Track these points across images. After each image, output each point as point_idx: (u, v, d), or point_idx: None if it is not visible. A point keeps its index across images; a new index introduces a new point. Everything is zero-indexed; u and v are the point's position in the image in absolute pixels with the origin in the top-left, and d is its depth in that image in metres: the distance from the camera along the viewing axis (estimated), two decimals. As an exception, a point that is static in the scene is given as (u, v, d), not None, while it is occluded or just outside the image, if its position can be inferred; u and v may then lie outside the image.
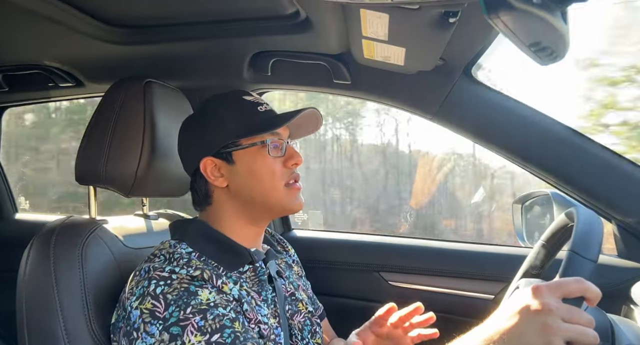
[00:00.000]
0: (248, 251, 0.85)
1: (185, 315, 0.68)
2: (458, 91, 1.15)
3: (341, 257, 1.41)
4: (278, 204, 0.86)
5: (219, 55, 1.22)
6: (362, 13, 0.83)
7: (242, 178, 0.85)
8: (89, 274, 0.82)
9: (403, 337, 0.94)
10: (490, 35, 0.97)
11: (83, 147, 0.94)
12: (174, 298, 0.69)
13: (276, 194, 0.85)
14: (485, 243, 1.45)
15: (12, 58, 1.31)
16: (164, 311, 0.69)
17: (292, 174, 0.87)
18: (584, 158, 1.11)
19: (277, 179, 0.85)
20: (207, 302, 0.70)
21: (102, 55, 1.22)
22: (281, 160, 0.86)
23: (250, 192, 0.85)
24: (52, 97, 1.56)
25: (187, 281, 0.72)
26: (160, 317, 0.68)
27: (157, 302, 0.69)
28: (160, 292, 0.70)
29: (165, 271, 0.73)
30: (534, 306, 0.56)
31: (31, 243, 0.85)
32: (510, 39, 0.62)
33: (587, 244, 0.66)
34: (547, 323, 0.55)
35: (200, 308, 0.69)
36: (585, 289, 0.57)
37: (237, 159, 0.85)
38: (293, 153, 0.87)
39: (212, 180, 0.85)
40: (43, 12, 0.96)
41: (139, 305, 0.70)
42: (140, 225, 1.05)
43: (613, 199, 1.12)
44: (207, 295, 0.71)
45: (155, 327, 0.68)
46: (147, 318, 0.69)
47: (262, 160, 0.84)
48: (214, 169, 0.85)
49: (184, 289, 0.71)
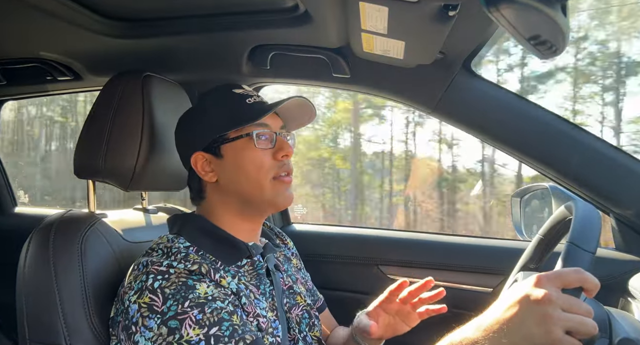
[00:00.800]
0: (246, 245, 0.85)
1: (183, 308, 0.68)
2: (457, 85, 1.15)
3: (340, 251, 1.41)
4: (264, 199, 0.84)
5: (217, 48, 1.21)
6: (361, 6, 0.83)
7: (230, 172, 0.84)
8: (88, 268, 0.83)
9: (411, 313, 0.93)
10: (489, 28, 0.97)
11: (81, 141, 0.94)
12: (172, 292, 0.69)
13: (262, 187, 0.83)
14: (483, 236, 1.45)
15: (11, 51, 1.31)
16: (162, 305, 0.69)
17: (282, 167, 0.85)
18: (582, 151, 1.12)
19: (264, 172, 0.83)
20: (205, 296, 0.70)
21: (101, 49, 1.21)
22: (270, 152, 0.84)
23: (238, 187, 0.84)
24: (51, 90, 1.55)
25: (184, 275, 0.72)
26: (159, 311, 0.69)
27: (155, 297, 0.69)
28: (158, 286, 0.70)
29: (163, 265, 0.73)
30: (533, 296, 0.56)
31: (30, 236, 0.85)
32: (509, 33, 0.62)
33: (585, 236, 0.66)
34: (547, 313, 0.55)
35: (198, 301, 0.69)
36: (584, 279, 0.57)
37: (225, 153, 0.84)
38: (283, 144, 0.85)
39: (203, 175, 0.85)
40: (41, 5, 0.96)
41: (137, 300, 0.71)
42: (139, 219, 1.05)
43: (611, 192, 1.12)
44: (205, 289, 0.71)
45: (154, 321, 0.68)
46: (145, 312, 0.69)
47: (249, 152, 0.83)
48: (204, 163, 0.85)
49: (181, 282, 0.71)
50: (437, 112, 1.19)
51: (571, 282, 0.57)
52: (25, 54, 1.32)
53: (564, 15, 0.57)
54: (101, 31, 1.10)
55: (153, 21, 1.11)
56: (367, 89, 1.26)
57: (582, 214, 0.70)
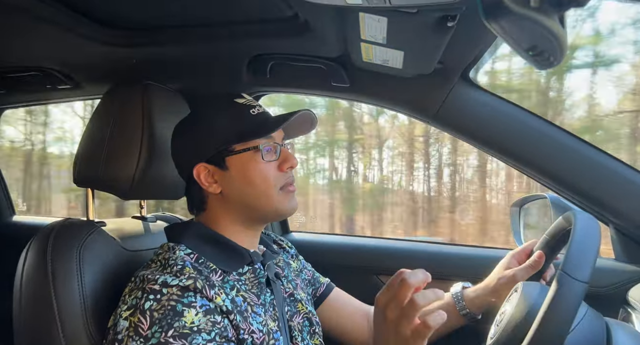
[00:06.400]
0: (248, 252, 0.85)
1: (166, 338, 0.68)
2: (456, 94, 1.15)
3: (339, 260, 1.41)
4: (272, 210, 0.85)
5: (217, 58, 1.22)
6: (360, 16, 0.83)
7: (236, 184, 0.84)
8: (86, 276, 0.82)
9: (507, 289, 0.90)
10: (488, 39, 0.98)
11: (81, 150, 0.94)
12: (158, 317, 0.69)
13: (270, 199, 0.84)
14: (483, 246, 1.45)
15: (10, 60, 1.31)
16: (147, 329, 0.69)
17: (287, 178, 0.86)
18: (581, 161, 1.12)
19: (271, 184, 0.84)
20: (190, 326, 0.69)
21: (101, 58, 1.22)
22: (275, 164, 0.85)
23: (244, 198, 0.84)
24: (50, 99, 1.56)
25: (176, 297, 0.71)
26: (143, 335, 0.69)
27: (143, 318, 0.70)
28: (149, 307, 0.70)
29: (158, 283, 0.72)
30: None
31: (29, 245, 0.85)
32: (507, 43, 0.62)
33: (579, 264, 0.65)
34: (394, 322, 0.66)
35: (182, 332, 0.69)
36: (407, 289, 0.64)
37: (231, 165, 0.84)
38: (287, 156, 0.86)
39: (206, 186, 0.84)
40: (41, 13, 0.96)
41: (128, 316, 0.71)
42: (137, 227, 1.04)
43: (610, 202, 1.12)
44: (192, 318, 0.70)
45: (136, 343, 0.68)
46: (131, 332, 0.69)
47: (255, 165, 0.83)
48: (207, 175, 0.84)
49: (170, 307, 0.70)
50: (436, 121, 1.20)
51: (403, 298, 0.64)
52: (25, 63, 1.32)
53: (562, 26, 0.58)
54: (101, 40, 1.11)
55: (153, 30, 1.11)
56: (366, 98, 1.27)
57: (577, 239, 0.68)
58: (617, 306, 1.05)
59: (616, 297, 1.06)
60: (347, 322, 1.05)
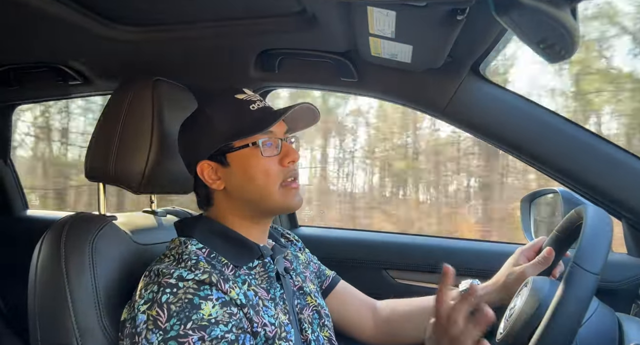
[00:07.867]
0: (257, 246, 0.86)
1: (185, 330, 0.69)
2: (466, 88, 1.14)
3: (348, 254, 1.41)
4: (276, 205, 0.85)
5: (226, 53, 1.22)
6: (368, 10, 0.83)
7: (238, 180, 0.84)
8: (99, 270, 0.83)
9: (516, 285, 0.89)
10: (498, 32, 0.97)
11: (92, 145, 0.95)
12: (176, 310, 0.70)
13: (270, 194, 0.84)
14: (492, 241, 1.44)
15: (22, 56, 1.33)
16: (166, 322, 0.70)
17: (289, 172, 0.85)
18: (593, 155, 1.11)
19: (272, 180, 0.84)
20: (208, 318, 0.70)
21: (111, 54, 1.22)
22: (276, 158, 0.84)
23: (246, 194, 0.84)
24: (61, 94, 1.57)
25: (192, 290, 0.72)
26: (162, 328, 0.69)
27: (161, 311, 0.70)
28: (166, 300, 0.71)
29: (174, 277, 0.73)
30: None
31: (42, 238, 0.87)
32: (518, 36, 0.62)
33: (591, 256, 0.65)
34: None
35: (200, 324, 0.70)
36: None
37: (232, 161, 0.84)
38: (289, 150, 0.85)
39: (210, 183, 0.85)
40: (51, 10, 0.97)
41: (146, 310, 0.72)
42: (148, 221, 1.06)
43: (622, 196, 1.11)
44: (209, 310, 0.71)
45: (156, 336, 0.69)
46: (150, 325, 0.70)
47: (255, 161, 0.83)
48: (210, 172, 0.85)
49: (187, 300, 0.71)
50: (446, 116, 1.19)
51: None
52: (36, 59, 1.34)
53: (574, 18, 0.57)
54: (111, 36, 1.12)
55: (162, 26, 1.12)
56: (375, 93, 1.26)
57: (589, 232, 0.68)
58: (629, 301, 1.04)
59: (629, 292, 1.05)
60: (353, 315, 1.05)
